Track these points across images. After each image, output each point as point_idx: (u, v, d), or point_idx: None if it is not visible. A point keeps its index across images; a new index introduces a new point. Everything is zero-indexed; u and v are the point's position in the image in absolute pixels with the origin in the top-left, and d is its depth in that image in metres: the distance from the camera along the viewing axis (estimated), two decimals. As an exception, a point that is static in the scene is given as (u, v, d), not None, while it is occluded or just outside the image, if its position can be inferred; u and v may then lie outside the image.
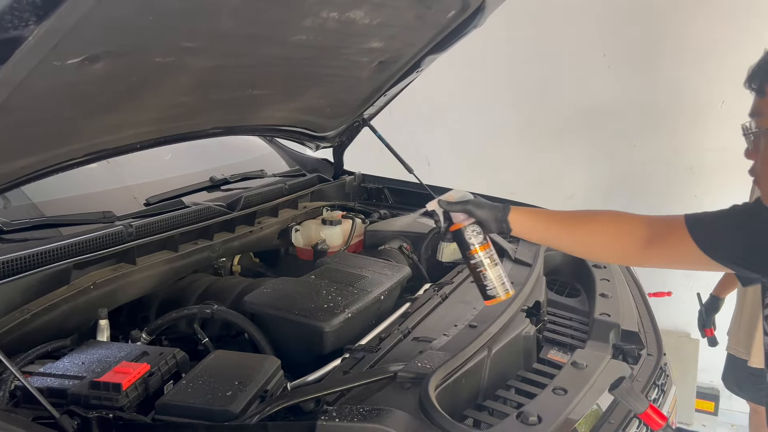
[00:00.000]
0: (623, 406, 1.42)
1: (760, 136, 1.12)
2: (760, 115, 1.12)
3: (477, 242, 1.48)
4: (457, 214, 1.48)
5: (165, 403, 1.29)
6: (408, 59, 2.46)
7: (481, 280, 1.49)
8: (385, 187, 3.00)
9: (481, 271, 1.48)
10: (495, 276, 1.48)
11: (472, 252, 1.48)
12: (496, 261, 1.49)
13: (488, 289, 1.49)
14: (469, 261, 1.50)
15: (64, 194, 2.16)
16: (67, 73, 1.31)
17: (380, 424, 1.17)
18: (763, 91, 1.11)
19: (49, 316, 1.62)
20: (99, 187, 2.28)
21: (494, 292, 1.48)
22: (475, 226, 1.49)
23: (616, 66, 3.65)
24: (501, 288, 1.48)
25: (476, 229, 1.49)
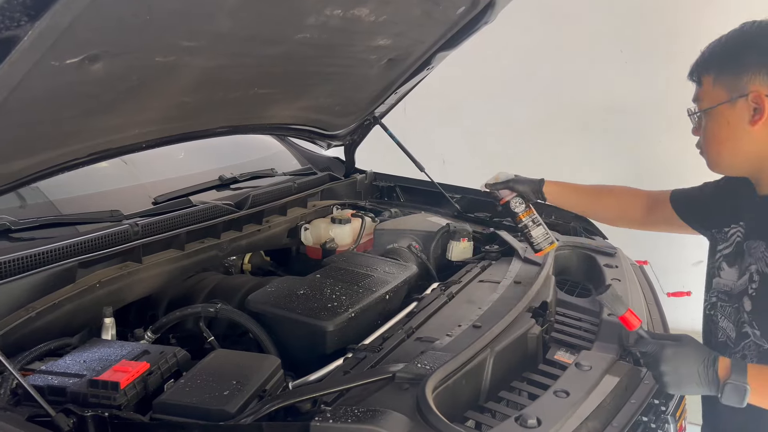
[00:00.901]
0: (628, 408, 1.39)
1: (701, 117, 1.46)
2: (699, 100, 1.46)
3: (520, 210, 1.96)
4: (503, 191, 1.97)
5: (162, 402, 1.29)
6: (418, 56, 2.44)
7: (528, 238, 1.97)
8: (396, 186, 2.98)
9: (527, 231, 1.96)
10: (538, 234, 1.96)
11: (519, 218, 1.96)
12: (538, 222, 1.97)
13: (535, 244, 1.97)
14: (517, 225, 1.99)
15: (82, 192, 2.20)
16: (67, 73, 1.32)
17: (375, 426, 1.16)
18: (701, 82, 1.45)
19: (54, 315, 1.63)
20: (116, 185, 2.31)
21: (540, 246, 1.96)
22: (518, 198, 1.96)
23: (633, 61, 3.59)
24: (545, 242, 1.96)
25: (519, 200, 1.96)
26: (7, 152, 1.46)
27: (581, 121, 3.81)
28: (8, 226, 1.71)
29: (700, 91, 1.45)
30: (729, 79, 1.37)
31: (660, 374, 1.31)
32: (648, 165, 3.68)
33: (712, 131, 1.42)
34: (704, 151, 1.48)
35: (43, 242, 1.68)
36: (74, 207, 2.00)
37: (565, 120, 3.84)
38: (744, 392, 1.23)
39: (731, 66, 1.37)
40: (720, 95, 1.38)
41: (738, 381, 1.24)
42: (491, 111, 4.04)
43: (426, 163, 2.87)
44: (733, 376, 1.24)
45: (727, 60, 1.38)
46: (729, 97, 1.36)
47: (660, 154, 3.66)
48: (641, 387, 1.46)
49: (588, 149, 3.81)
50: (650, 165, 3.67)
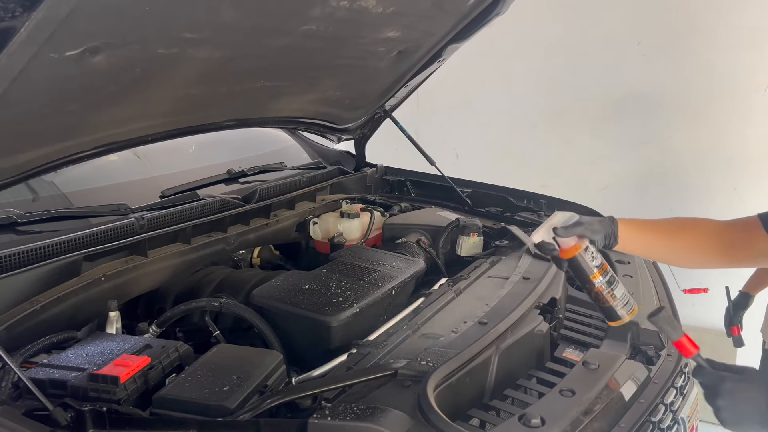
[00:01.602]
0: (637, 408, 1.36)
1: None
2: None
3: (597, 264, 1.43)
4: (567, 240, 1.42)
5: (161, 397, 1.28)
6: (428, 49, 2.41)
7: (607, 302, 1.44)
8: (407, 180, 2.96)
9: (608, 293, 1.43)
10: (620, 295, 1.44)
11: (596, 276, 1.43)
12: (616, 278, 1.45)
13: (617, 309, 1.44)
14: (593, 286, 1.44)
15: (94, 185, 2.21)
16: (68, 65, 1.31)
17: (374, 424, 1.14)
18: None
19: (59, 308, 1.63)
20: (128, 178, 2.32)
21: (622, 312, 1.44)
22: (592, 248, 1.43)
23: (651, 54, 3.51)
24: (627, 306, 1.45)
25: (593, 251, 1.42)
26: (12, 145, 1.46)
27: (596, 115, 3.75)
28: (14, 219, 1.71)
29: None
30: None
31: (717, 408, 1.20)
32: (658, 160, 3.62)
33: None
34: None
35: (49, 235, 1.68)
36: (86, 199, 2.02)
37: (580, 114, 3.78)
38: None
39: None
40: None
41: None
42: (504, 105, 3.98)
43: (439, 158, 2.84)
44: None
45: None
46: None
47: (671, 151, 3.59)
48: (651, 386, 1.43)
49: (602, 143, 3.75)
50: (660, 160, 3.61)
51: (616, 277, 1.46)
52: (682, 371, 1.52)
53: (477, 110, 4.10)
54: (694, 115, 3.49)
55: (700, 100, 3.46)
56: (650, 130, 3.63)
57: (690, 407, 1.52)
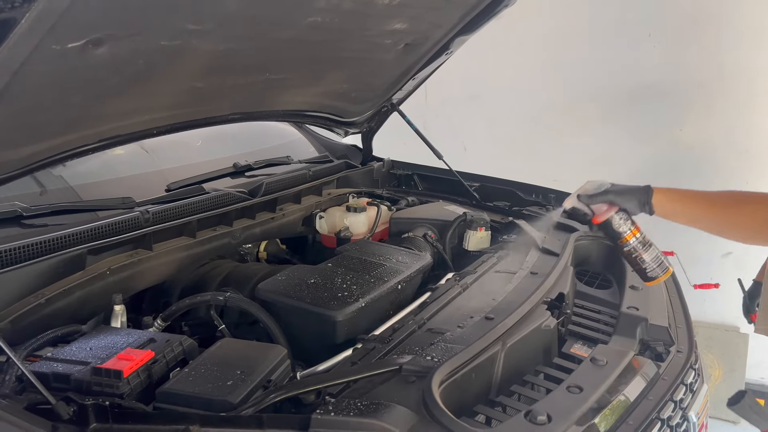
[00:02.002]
0: (645, 405, 1.34)
1: None
2: None
3: (627, 229, 1.56)
4: (599, 206, 1.55)
5: (165, 391, 1.27)
6: (436, 41, 2.39)
7: (638, 264, 1.59)
8: (414, 174, 2.94)
9: (637, 256, 1.58)
10: (652, 257, 1.57)
11: (625, 239, 1.57)
12: (649, 242, 1.58)
13: (648, 272, 1.59)
14: (623, 248, 1.59)
15: (103, 178, 2.21)
16: (70, 57, 1.30)
17: (377, 420, 1.13)
18: None
19: (64, 302, 1.63)
20: (137, 171, 2.31)
21: (654, 273, 1.59)
22: (622, 213, 1.56)
23: (662, 45, 3.47)
24: (660, 268, 1.59)
25: (623, 216, 1.56)
26: (14, 138, 1.45)
27: (606, 107, 3.71)
28: (20, 213, 1.71)
29: None
30: None
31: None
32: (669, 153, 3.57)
33: None
34: None
35: (54, 229, 1.68)
36: (94, 193, 2.01)
37: (590, 107, 3.74)
38: None
39: None
40: None
41: None
42: (514, 98, 3.95)
43: (447, 151, 2.82)
44: None
45: None
46: None
47: (682, 144, 3.55)
48: (660, 383, 1.40)
49: (612, 136, 3.71)
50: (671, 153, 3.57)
51: (648, 240, 1.57)
52: (692, 368, 1.50)
53: (486, 103, 4.07)
54: (706, 108, 3.44)
55: (712, 92, 3.42)
56: (661, 123, 3.59)
57: (700, 404, 1.50)
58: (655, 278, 1.59)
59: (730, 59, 3.33)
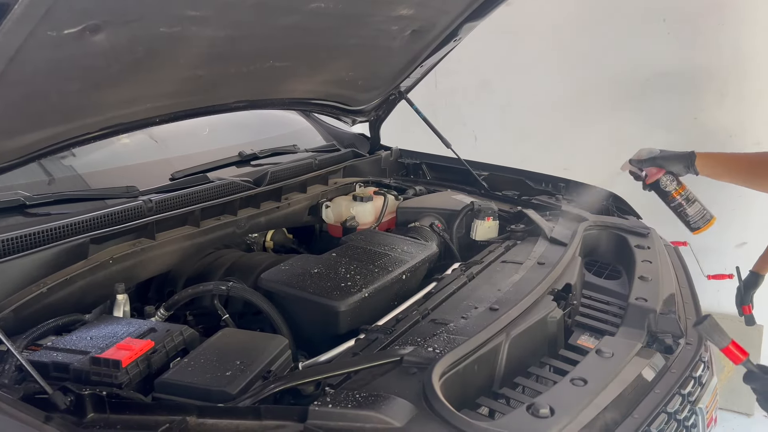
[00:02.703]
0: (652, 398, 1.31)
1: None
2: None
3: (673, 188, 1.89)
4: (650, 169, 1.89)
5: (163, 382, 1.27)
6: (443, 27, 2.35)
7: (684, 217, 1.92)
8: (422, 163, 2.91)
9: (682, 210, 1.91)
10: (695, 211, 1.90)
11: (672, 196, 1.91)
12: (693, 198, 1.90)
13: (692, 223, 1.92)
14: (671, 204, 1.92)
15: (112, 167, 2.21)
16: (68, 44, 1.29)
17: (375, 412, 1.11)
18: None
19: (67, 291, 1.62)
20: (144, 160, 2.31)
21: (698, 224, 1.92)
22: (669, 175, 1.88)
23: (676, 31, 3.39)
24: (703, 220, 1.91)
25: (670, 177, 1.88)
26: (14, 126, 1.44)
27: (619, 95, 3.64)
28: (23, 201, 1.71)
29: None
30: None
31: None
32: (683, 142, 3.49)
33: None
34: None
35: (57, 218, 1.67)
36: (104, 181, 2.02)
37: (602, 94, 3.67)
38: None
39: None
40: None
41: None
42: (524, 86, 3.90)
43: (457, 140, 2.78)
44: None
45: None
46: None
47: (696, 132, 3.48)
48: (667, 376, 1.37)
49: (624, 125, 3.64)
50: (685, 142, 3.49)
51: (694, 196, 1.89)
52: (701, 360, 1.46)
53: (496, 92, 4.02)
54: (721, 96, 3.37)
55: (727, 80, 3.34)
56: (675, 112, 3.52)
57: (709, 398, 1.46)
58: (699, 228, 1.91)
59: (745, 46, 3.26)
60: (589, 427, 1.16)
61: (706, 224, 1.90)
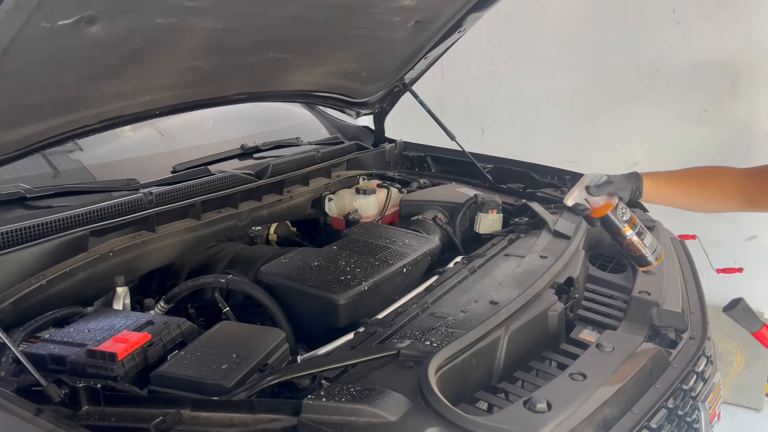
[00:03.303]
0: (652, 393, 1.29)
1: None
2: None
3: (627, 219, 1.58)
4: (597, 199, 1.56)
5: (159, 374, 1.26)
6: (447, 18, 2.33)
7: (637, 252, 1.61)
8: (427, 156, 2.88)
9: (637, 245, 1.60)
10: (649, 243, 1.61)
11: (626, 230, 1.59)
12: (645, 229, 1.63)
13: (647, 257, 1.62)
14: (624, 239, 1.60)
15: (117, 158, 2.22)
16: (63, 36, 1.28)
17: (369, 406, 1.10)
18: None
19: (67, 283, 1.62)
20: (150, 153, 2.31)
21: (652, 259, 1.63)
22: (622, 204, 1.58)
23: (686, 22, 3.34)
24: (655, 254, 1.63)
25: (623, 207, 1.57)
26: (12, 118, 1.43)
27: (627, 87, 3.59)
28: (23, 194, 1.71)
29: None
30: None
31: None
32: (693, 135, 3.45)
33: None
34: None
35: (57, 210, 1.67)
36: (108, 173, 2.02)
37: (610, 87, 3.63)
38: None
39: None
40: None
41: None
42: (532, 78, 3.86)
43: (464, 133, 2.75)
44: None
45: None
46: None
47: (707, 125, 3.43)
48: (669, 371, 1.35)
49: (633, 117, 3.60)
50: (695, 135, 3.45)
51: (644, 228, 1.61)
52: (704, 356, 1.44)
53: (503, 84, 3.98)
54: (732, 88, 3.32)
55: (738, 71, 3.29)
56: (685, 104, 3.47)
57: (712, 393, 1.44)
58: (650, 264, 1.63)
59: (757, 37, 3.20)
60: (587, 422, 1.14)
61: (657, 258, 1.63)
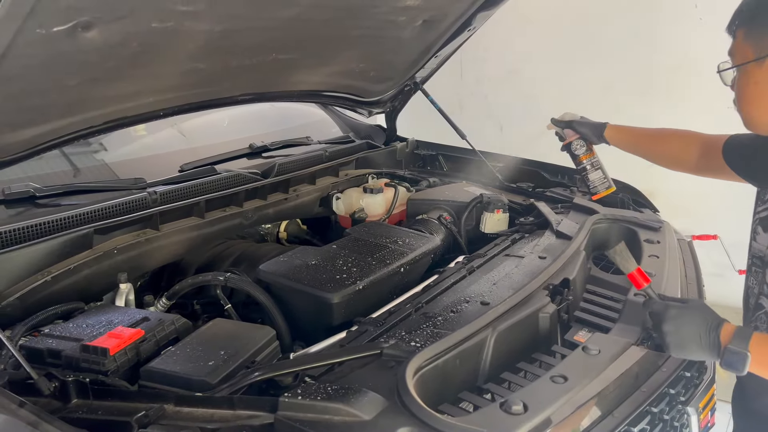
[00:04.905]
0: (637, 397, 1.28)
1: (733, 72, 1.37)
2: (733, 55, 1.37)
3: (581, 152, 2.04)
4: (567, 131, 2.05)
5: (148, 370, 1.30)
6: (456, 17, 2.32)
7: (586, 181, 2.06)
8: (439, 154, 2.88)
9: (585, 174, 2.06)
10: (596, 177, 2.05)
11: (580, 159, 2.06)
12: (598, 165, 2.06)
13: (591, 188, 2.08)
14: (578, 167, 2.07)
15: (136, 157, 2.28)
16: (59, 41, 1.33)
17: (344, 404, 1.11)
18: (735, 36, 1.36)
19: (72, 279, 1.68)
20: (168, 149, 2.38)
21: (596, 190, 2.08)
22: (580, 141, 2.03)
23: (709, 17, 3.27)
24: (602, 186, 2.07)
25: (581, 143, 2.02)
26: (15, 120, 1.49)
27: (647, 84, 3.53)
28: (33, 193, 1.77)
29: (733, 44, 1.36)
30: (757, 38, 1.28)
31: (663, 334, 1.28)
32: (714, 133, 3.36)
33: (741, 89, 1.35)
34: (738, 109, 1.39)
35: (63, 209, 1.73)
36: (127, 171, 2.09)
37: (630, 83, 3.57)
38: (744, 359, 1.17)
39: (759, 24, 1.28)
40: (748, 53, 1.30)
41: (738, 347, 1.18)
42: (551, 75, 3.82)
43: (482, 131, 2.76)
44: (734, 341, 1.19)
45: (757, 17, 1.29)
46: (756, 56, 1.27)
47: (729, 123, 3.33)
48: (657, 375, 1.33)
49: (653, 115, 3.52)
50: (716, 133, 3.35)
51: (599, 164, 2.04)
52: (695, 361, 1.42)
53: (523, 80, 3.95)
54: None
55: (762, 67, 3.19)
56: (707, 100, 3.38)
57: (703, 399, 1.41)
58: (598, 194, 2.07)
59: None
60: (563, 424, 1.14)
61: (605, 191, 2.05)
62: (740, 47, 1.32)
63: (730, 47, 1.37)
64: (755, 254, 1.48)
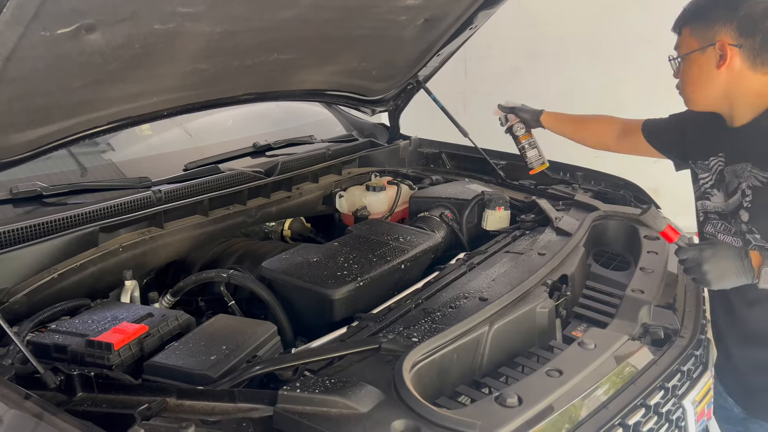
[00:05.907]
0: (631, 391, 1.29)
1: (679, 63, 1.66)
2: (678, 48, 1.66)
3: (520, 134, 2.37)
4: (510, 116, 2.38)
5: (151, 364, 1.33)
6: (457, 16, 2.34)
7: (525, 158, 2.38)
8: (442, 152, 2.90)
9: (524, 152, 2.38)
10: (532, 155, 2.37)
11: (519, 140, 2.38)
12: (534, 145, 2.38)
13: (529, 163, 2.38)
14: (518, 146, 2.39)
15: (142, 155, 2.32)
16: (63, 43, 1.35)
17: (341, 397, 1.13)
18: (681, 33, 1.64)
19: (78, 277, 1.71)
20: (173, 148, 2.41)
21: (532, 165, 2.38)
22: (520, 124, 2.36)
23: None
24: (537, 162, 2.38)
25: (520, 125, 2.36)
26: (20, 121, 1.51)
27: (653, 83, 3.51)
28: (39, 192, 1.80)
29: (679, 40, 1.66)
30: (701, 31, 1.58)
31: (703, 274, 1.44)
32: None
33: (687, 74, 1.64)
34: (682, 92, 1.70)
35: (69, 207, 1.76)
36: (135, 170, 2.13)
37: (635, 83, 3.57)
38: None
39: (703, 19, 1.58)
40: (693, 44, 1.59)
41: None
42: (555, 73, 3.83)
43: (487, 128, 2.75)
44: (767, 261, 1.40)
45: (701, 14, 1.59)
46: (700, 45, 1.57)
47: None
48: (652, 369, 1.35)
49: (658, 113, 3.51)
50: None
51: (536, 143, 2.38)
52: (693, 354, 1.43)
53: (527, 78, 3.96)
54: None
55: None
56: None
57: (700, 392, 1.43)
58: (533, 169, 2.38)
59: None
60: (558, 417, 1.15)
61: (539, 166, 2.36)
62: (686, 41, 1.62)
63: (677, 42, 1.66)
64: (711, 211, 1.71)
